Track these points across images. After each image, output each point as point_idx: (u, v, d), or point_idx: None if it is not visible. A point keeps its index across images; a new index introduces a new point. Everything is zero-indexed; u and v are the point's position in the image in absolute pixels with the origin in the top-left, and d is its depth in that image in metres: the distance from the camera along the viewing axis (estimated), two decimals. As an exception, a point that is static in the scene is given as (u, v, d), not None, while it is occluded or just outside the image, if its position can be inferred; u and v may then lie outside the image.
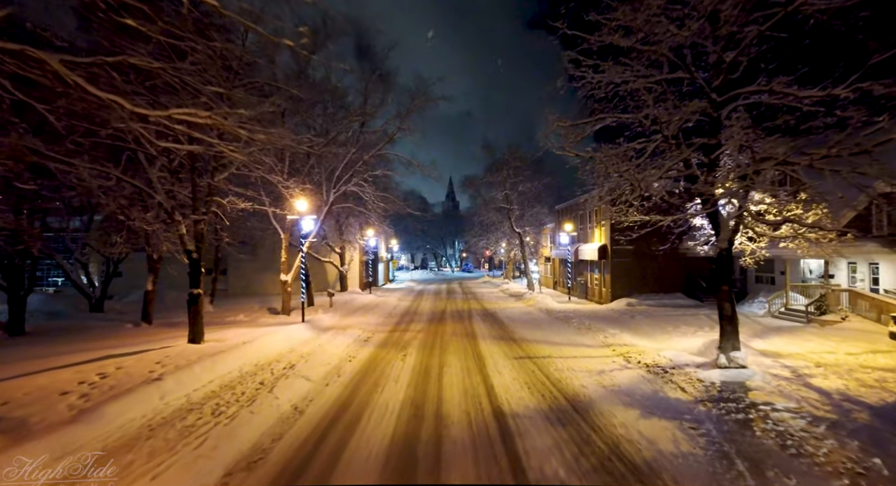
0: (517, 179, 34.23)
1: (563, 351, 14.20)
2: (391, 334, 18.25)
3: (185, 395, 9.01)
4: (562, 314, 23.54)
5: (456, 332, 18.52)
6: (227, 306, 28.04)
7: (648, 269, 27.94)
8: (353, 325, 19.93)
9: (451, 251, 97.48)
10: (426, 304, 31.24)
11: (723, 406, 8.49)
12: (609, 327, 18.66)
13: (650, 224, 13.10)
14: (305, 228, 18.88)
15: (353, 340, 16.43)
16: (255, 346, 13.58)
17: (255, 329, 17.01)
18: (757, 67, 10.02)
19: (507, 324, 20.66)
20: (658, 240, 29.01)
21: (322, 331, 17.72)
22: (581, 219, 34.19)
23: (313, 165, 22.25)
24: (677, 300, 26.56)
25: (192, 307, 14.44)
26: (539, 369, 11.87)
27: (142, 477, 6.04)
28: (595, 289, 31.25)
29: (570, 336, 16.96)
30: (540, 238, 42.38)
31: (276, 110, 18.76)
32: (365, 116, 22.73)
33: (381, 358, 13.58)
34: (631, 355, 13.26)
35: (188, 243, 14.34)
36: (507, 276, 55.42)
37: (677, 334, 16.92)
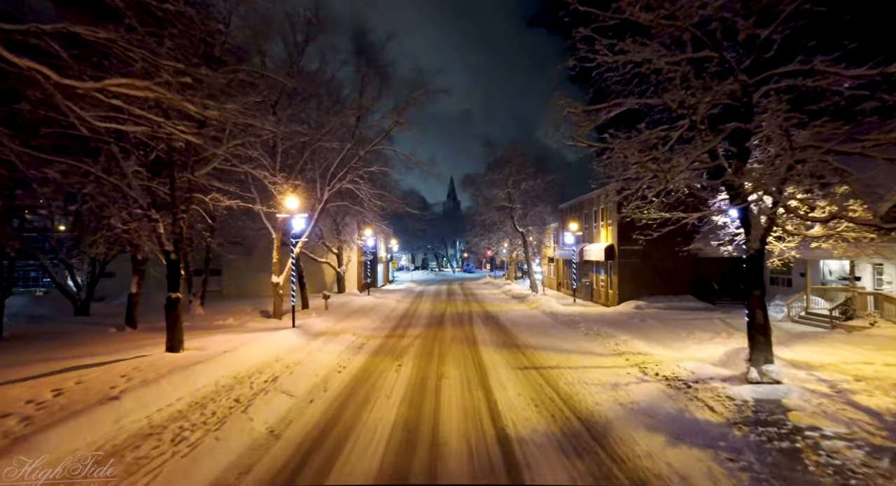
0: (519, 177, 33.11)
1: (571, 360, 13.09)
2: (387, 339, 17.14)
3: (147, 416, 7.91)
4: (567, 318, 22.42)
5: (456, 338, 17.41)
6: (218, 309, 26.98)
7: (657, 270, 26.81)
8: (348, 330, 18.83)
9: (452, 251, 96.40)
10: (425, 306, 30.13)
11: (762, 431, 7.36)
12: (619, 332, 17.53)
13: (671, 222, 11.99)
14: (297, 228, 17.78)
15: (346, 347, 15.33)
16: (237, 355, 12.48)
17: (242, 335, 15.92)
18: (793, 45, 8.89)
19: (510, 329, 19.54)
20: (667, 240, 27.86)
21: (313, 337, 16.62)
22: (586, 218, 33.05)
23: (307, 161, 21.16)
24: (687, 303, 25.42)
25: (170, 313, 13.36)
26: (547, 383, 10.76)
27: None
28: (601, 291, 30.12)
29: (578, 343, 15.84)
30: (543, 238, 41.27)
31: (264, 101, 17.69)
32: (361, 109, 21.65)
33: (375, 368, 12.48)
34: (647, 365, 12.13)
35: (166, 243, 13.26)
36: (510, 277, 54.31)
37: (692, 340, 15.80)
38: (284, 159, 21.38)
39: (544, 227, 39.64)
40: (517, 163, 32.82)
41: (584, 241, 32.52)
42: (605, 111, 9.74)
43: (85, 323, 22.40)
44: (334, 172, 21.86)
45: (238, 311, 25.34)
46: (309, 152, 21.03)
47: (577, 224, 30.88)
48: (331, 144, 21.05)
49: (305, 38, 20.42)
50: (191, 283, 25.82)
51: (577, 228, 30.37)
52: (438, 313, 25.58)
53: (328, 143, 21.16)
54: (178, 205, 13.19)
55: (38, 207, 20.31)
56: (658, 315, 22.19)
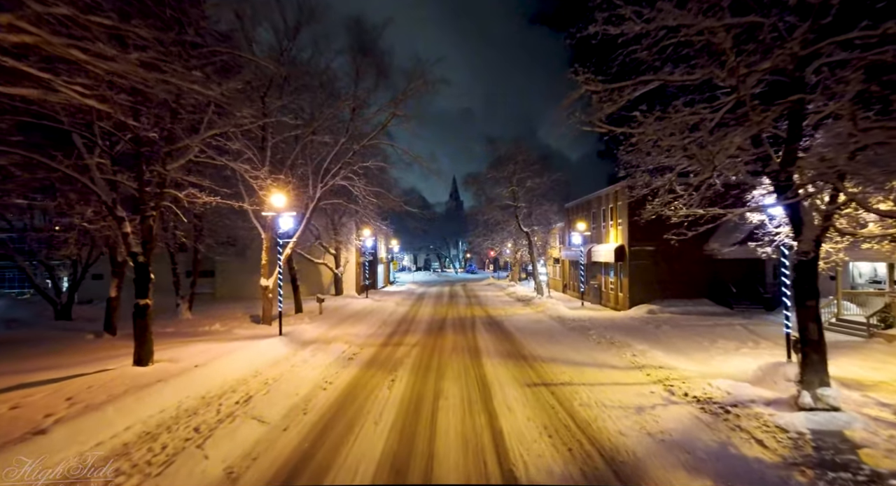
0: (524, 175, 31.70)
1: (585, 375, 11.68)
2: (382, 348, 15.76)
3: (78, 454, 6.54)
4: (576, 324, 20.99)
5: (457, 347, 16.02)
6: (208, 313, 25.65)
7: (670, 272, 25.35)
8: (340, 337, 17.45)
9: (455, 252, 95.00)
10: (426, 310, 28.74)
11: (833, 478, 5.95)
12: (634, 340, 16.12)
13: (703, 220, 10.62)
14: (285, 227, 16.40)
15: (336, 358, 13.95)
16: (210, 370, 11.12)
17: (223, 344, 14.57)
18: (855, 9, 7.49)
19: (515, 336, 18.14)
20: (681, 241, 26.35)
21: (301, 346, 15.25)
22: (594, 217, 31.61)
23: (298, 155, 19.81)
24: (704, 307, 23.96)
25: (138, 322, 12.03)
26: (560, 404, 9.36)
27: None
28: (610, 294, 28.67)
29: (590, 353, 14.43)
30: (548, 238, 39.85)
31: (250, 89, 16.35)
32: (356, 101, 20.29)
33: (365, 384, 11.10)
34: (672, 382, 10.71)
35: (133, 243, 11.91)
36: (513, 278, 52.87)
37: (717, 351, 14.38)
38: (274, 154, 20.05)
39: (550, 227, 38.21)
40: (521, 160, 31.40)
41: (591, 241, 31.09)
42: (630, 89, 8.31)
43: (64, 329, 21.08)
44: (328, 168, 20.49)
45: (228, 315, 24.03)
46: (300, 147, 19.69)
47: (584, 224, 29.45)
48: (324, 138, 19.69)
49: (297, 23, 19.10)
50: (178, 285, 24.52)
51: (584, 227, 28.94)
52: (439, 318, 24.19)
53: (321, 137, 19.81)
54: (146, 201, 11.84)
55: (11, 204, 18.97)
56: (673, 321, 20.75)
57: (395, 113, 19.76)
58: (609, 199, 28.71)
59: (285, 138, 20.55)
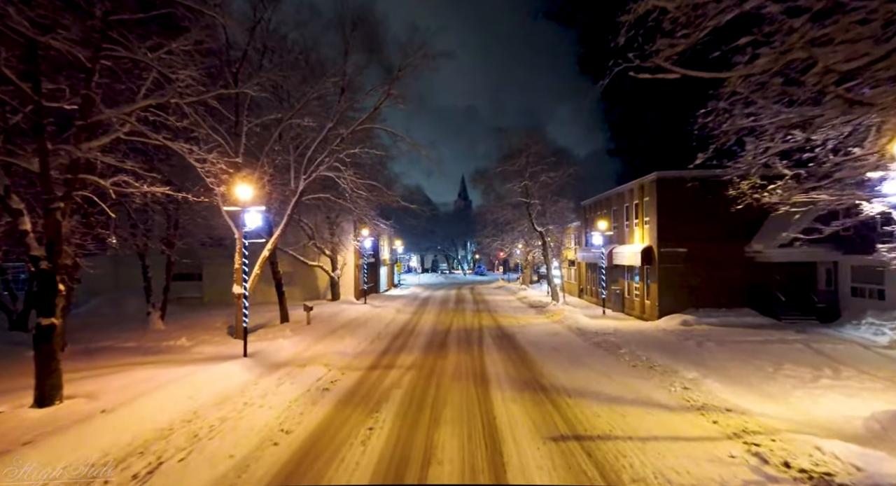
0: (537, 168, 28.68)
1: (629, 420, 8.73)
2: (369, 373, 12.88)
3: None
4: (601, 337, 17.99)
5: (460, 371, 13.10)
6: (185, 322, 22.92)
7: (705, 277, 22.27)
8: (321, 356, 14.61)
9: (463, 253, 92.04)
10: (428, 318, 25.84)
11: None
12: (678, 363, 13.14)
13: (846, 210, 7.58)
14: (251, 224, 13.56)
15: (307, 388, 11.08)
16: (126, 414, 8.31)
17: (172, 370, 11.77)
18: None
19: (530, 354, 15.19)
20: (717, 241, 23.37)
21: (268, 371, 12.42)
22: (615, 216, 28.54)
23: (276, 141, 17.00)
24: (747, 319, 20.84)
25: (40, 348, 9.23)
26: (603, 477, 6.43)
27: None
28: (636, 301, 25.60)
29: (627, 382, 11.45)
30: (562, 239, 36.81)
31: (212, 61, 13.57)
32: (345, 80, 17.43)
33: (334, 435, 8.23)
34: (756, 439, 7.71)
35: (34, 245, 9.13)
36: (525, 281, 49.83)
37: (788, 381, 11.35)
38: (250, 140, 17.28)
39: (565, 226, 35.17)
40: (535, 152, 28.38)
41: (613, 242, 28.03)
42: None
43: (11, 342, 18.38)
44: (312, 156, 17.66)
45: (205, 326, 21.30)
46: (280, 131, 16.88)
47: (606, 222, 26.38)
48: (308, 122, 16.87)
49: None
50: (149, 291, 21.81)
51: (606, 226, 25.89)
52: (442, 329, 21.28)
53: (305, 121, 16.99)
54: (51, 190, 9.06)
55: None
56: (715, 336, 17.69)
57: (390, 92, 16.89)
58: (634, 194, 25.65)
59: (264, 123, 17.76)
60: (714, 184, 22.96)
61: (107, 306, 30.54)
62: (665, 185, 22.61)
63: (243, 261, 13.89)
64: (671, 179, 22.68)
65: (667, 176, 22.67)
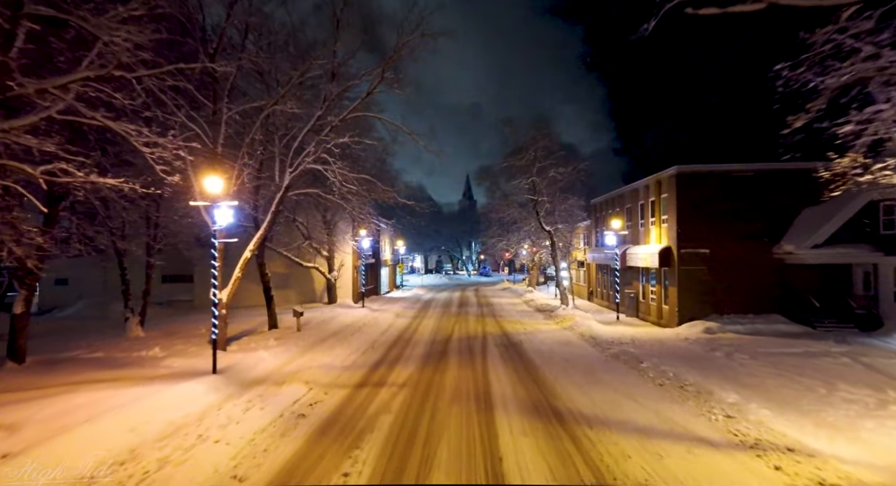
0: (546, 163, 26.87)
1: (668, 462, 7.00)
2: (355, 392, 11.18)
3: None
4: (618, 347, 16.23)
5: (460, 390, 11.39)
6: (168, 327, 21.42)
7: (729, 280, 20.47)
8: (304, 371, 12.94)
9: (468, 253, 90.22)
10: (429, 323, 24.14)
11: None
12: (709, 380, 11.41)
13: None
14: (222, 221, 11.86)
15: (279, 414, 9.40)
16: (39, 455, 6.65)
17: (121, 391, 10.10)
18: None
19: (540, 368, 13.47)
20: (742, 241, 21.51)
21: (237, 391, 10.75)
22: (629, 214, 26.74)
23: (258, 130, 15.33)
24: (777, 326, 19.01)
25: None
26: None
27: None
28: (652, 306, 23.80)
29: (658, 407, 9.70)
30: (571, 238, 35.01)
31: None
32: (334, 62, 15.73)
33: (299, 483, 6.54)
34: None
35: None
36: (531, 283, 48.01)
37: (847, 404, 9.58)
38: (231, 128, 15.66)
39: (574, 225, 33.37)
40: (543, 146, 26.60)
41: (626, 242, 26.23)
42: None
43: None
44: (299, 148, 15.99)
45: (186, 333, 19.72)
46: (262, 119, 15.23)
47: (620, 221, 24.59)
48: (293, 109, 15.19)
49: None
50: (127, 295, 20.22)
51: (620, 226, 24.10)
52: (442, 337, 19.56)
53: (290, 107, 15.32)
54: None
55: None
56: (746, 346, 15.89)
57: (385, 75, 15.20)
58: (650, 191, 23.86)
59: (246, 111, 16.12)
60: (738, 179, 21.20)
61: (92, 309, 29.05)
62: (685, 180, 20.82)
63: (212, 264, 12.19)
64: (691, 175, 20.89)
65: (687, 171, 20.87)
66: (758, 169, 20.71)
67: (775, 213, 20.37)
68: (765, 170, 20.64)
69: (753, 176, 20.64)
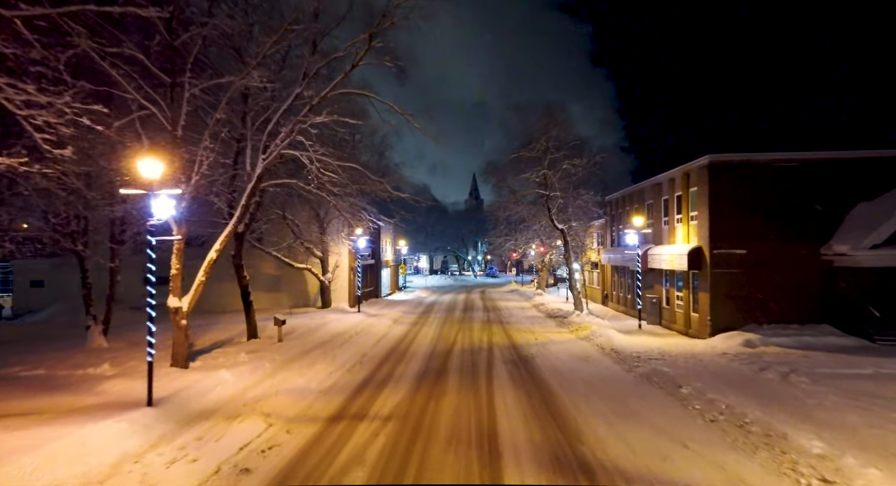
0: (559, 155, 24.41)
1: None
2: (326, 429, 8.83)
3: None
4: (648, 366, 13.78)
5: (459, 427, 9.01)
6: (137, 337, 19.04)
7: (769, 286, 17.97)
8: (270, 397, 10.62)
9: (474, 253, 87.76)
10: (429, 331, 21.78)
11: None
12: (775, 415, 9.00)
13: None
14: (158, 213, 9.50)
15: (215, 469, 7.05)
16: None
17: (20, 431, 7.83)
18: None
19: (558, 395, 11.07)
20: (784, 241, 18.99)
21: (172, 431, 8.41)
22: (651, 211, 24.24)
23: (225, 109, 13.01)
24: (828, 338, 16.47)
25: None
26: None
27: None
28: (678, 313, 21.31)
29: (717, 459, 7.28)
30: (584, 238, 32.53)
31: None
32: (315, 29, 13.38)
33: None
34: None
35: None
36: (541, 285, 45.52)
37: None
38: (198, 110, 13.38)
39: (589, 223, 30.88)
40: (555, 135, 24.14)
41: (648, 242, 23.76)
42: None
43: None
44: (273, 131, 13.67)
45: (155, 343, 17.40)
46: (231, 94, 12.94)
47: (642, 218, 22.11)
48: (262, 82, 12.87)
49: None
50: (89, 300, 18.03)
51: (642, 223, 21.63)
52: (442, 350, 17.18)
53: (261, 81, 13.01)
54: None
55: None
56: (800, 365, 13.40)
57: (373, 43, 12.81)
58: (675, 185, 21.37)
59: (215, 89, 13.82)
60: (781, 170, 18.55)
61: (65, 313, 26.92)
62: (719, 172, 18.30)
63: (148, 267, 9.87)
64: (727, 165, 18.39)
65: (721, 160, 18.36)
66: (804, 159, 18.19)
67: (823, 208, 17.84)
68: (813, 160, 18.13)
69: (798, 167, 18.10)
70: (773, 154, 18.73)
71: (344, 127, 14.47)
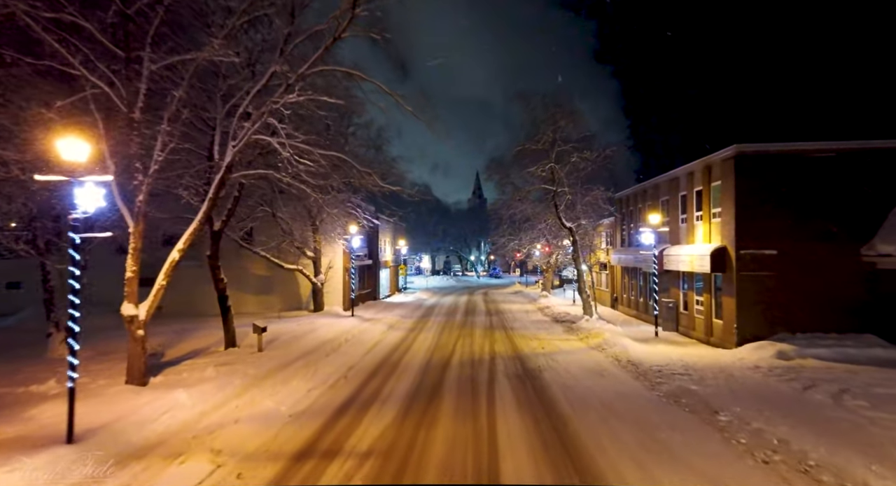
0: (567, 147, 22.64)
1: None
2: (288, 472, 7.11)
3: None
4: (674, 384, 12.00)
5: (453, 468, 7.28)
6: (106, 345, 17.42)
7: (803, 290, 16.15)
8: (228, 425, 8.91)
9: (477, 254, 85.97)
10: (426, 338, 20.04)
11: None
12: (841, 453, 7.23)
13: None
14: (86, 206, 7.78)
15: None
16: None
17: None
18: None
19: (570, 421, 9.32)
20: (819, 241, 17.17)
21: (88, 480, 6.70)
22: (667, 208, 22.42)
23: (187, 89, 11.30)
24: (873, 350, 14.65)
25: None
26: None
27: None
28: (698, 319, 19.49)
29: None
30: (594, 237, 30.73)
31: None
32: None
33: None
34: None
35: None
36: (546, 287, 43.69)
37: None
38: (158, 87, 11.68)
39: (598, 222, 29.07)
40: (563, 126, 22.34)
41: (663, 241, 21.96)
42: None
43: None
44: (245, 113, 11.96)
45: (124, 350, 15.73)
46: (193, 70, 11.24)
47: (659, 216, 20.31)
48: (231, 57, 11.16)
49: None
50: (51, 305, 16.44)
51: (659, 221, 19.82)
52: (439, 361, 15.44)
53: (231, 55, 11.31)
54: None
55: None
56: (849, 382, 11.61)
57: (357, 11, 11.04)
58: (695, 179, 19.56)
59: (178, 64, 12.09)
60: (815, 162, 16.66)
61: (37, 318, 25.35)
62: (746, 164, 16.49)
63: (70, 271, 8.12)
64: (755, 156, 16.59)
65: (749, 151, 16.56)
66: (842, 148, 16.34)
67: (864, 204, 16.02)
68: (851, 149, 16.29)
69: (835, 158, 16.27)
70: (806, 143, 16.90)
71: (322, 108, 12.73)
